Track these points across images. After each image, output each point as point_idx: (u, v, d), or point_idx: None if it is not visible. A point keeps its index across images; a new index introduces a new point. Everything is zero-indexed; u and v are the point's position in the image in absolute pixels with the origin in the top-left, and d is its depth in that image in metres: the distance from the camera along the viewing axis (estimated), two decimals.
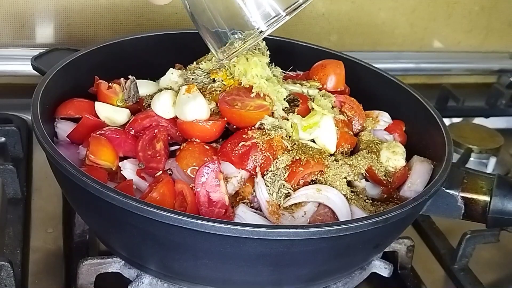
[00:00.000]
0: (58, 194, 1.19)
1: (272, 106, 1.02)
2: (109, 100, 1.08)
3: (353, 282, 1.02)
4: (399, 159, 1.05)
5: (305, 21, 1.64)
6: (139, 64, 1.16)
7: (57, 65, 1.09)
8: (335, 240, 0.85)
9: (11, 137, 1.29)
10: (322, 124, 1.03)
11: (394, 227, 0.96)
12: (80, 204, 0.97)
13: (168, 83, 1.10)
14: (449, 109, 1.66)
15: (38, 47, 1.42)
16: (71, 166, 0.87)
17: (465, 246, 1.16)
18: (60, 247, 1.10)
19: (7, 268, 0.96)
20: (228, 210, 0.93)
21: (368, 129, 1.14)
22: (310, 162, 0.97)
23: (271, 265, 0.87)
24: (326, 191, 0.96)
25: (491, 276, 1.19)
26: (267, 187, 0.96)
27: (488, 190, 1.01)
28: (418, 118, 1.14)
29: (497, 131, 1.58)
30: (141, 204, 0.82)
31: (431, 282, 1.14)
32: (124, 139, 1.01)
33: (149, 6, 1.52)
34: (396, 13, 1.70)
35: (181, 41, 1.26)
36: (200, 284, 0.93)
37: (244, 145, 0.97)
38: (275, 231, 0.82)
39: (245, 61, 1.04)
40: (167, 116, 1.03)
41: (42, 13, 1.47)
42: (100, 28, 1.51)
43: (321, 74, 1.16)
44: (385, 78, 1.23)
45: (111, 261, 0.97)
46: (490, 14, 1.78)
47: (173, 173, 0.96)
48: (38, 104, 0.98)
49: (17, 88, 1.50)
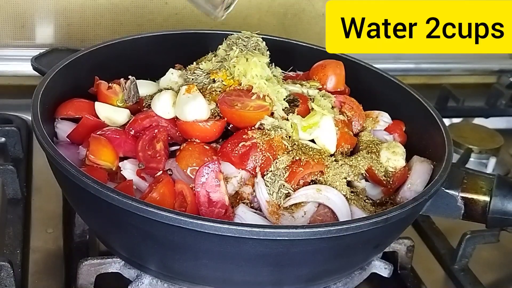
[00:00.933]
0: (58, 194, 1.19)
1: (272, 106, 1.02)
2: (109, 100, 1.08)
3: (353, 282, 1.02)
4: (399, 159, 1.05)
5: (305, 21, 1.64)
6: (139, 64, 1.17)
7: (57, 65, 1.09)
8: (335, 240, 0.85)
9: (11, 137, 1.29)
10: (322, 124, 1.03)
11: (394, 227, 0.96)
12: (80, 204, 0.97)
13: (168, 83, 1.10)
14: (449, 109, 1.66)
15: (38, 47, 1.42)
16: (71, 166, 0.87)
17: (465, 246, 1.16)
18: (60, 247, 1.10)
19: (7, 268, 0.96)
20: (228, 210, 0.93)
21: (368, 129, 1.14)
22: (310, 162, 0.97)
23: (271, 265, 0.87)
24: (326, 191, 0.96)
25: (491, 276, 1.19)
26: (267, 187, 0.96)
27: (488, 190, 1.01)
28: (418, 118, 1.14)
29: (497, 131, 1.58)
30: (141, 204, 0.82)
31: (431, 282, 1.14)
32: (124, 139, 1.01)
33: (149, 7, 1.52)
34: None
35: (181, 41, 1.26)
36: (200, 284, 0.93)
37: (244, 145, 0.97)
38: (275, 231, 0.82)
39: (245, 61, 1.04)
40: (167, 116, 1.03)
41: (42, 13, 1.47)
42: (100, 28, 1.51)
43: (321, 74, 1.16)
44: (385, 78, 1.23)
45: (111, 261, 0.97)
46: None
47: (173, 173, 0.96)
48: (38, 104, 0.98)
49: (17, 88, 1.50)
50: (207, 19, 1.55)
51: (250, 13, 1.59)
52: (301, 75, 1.22)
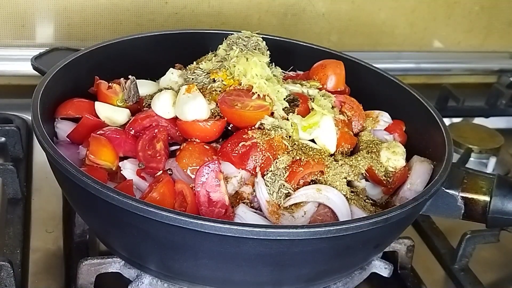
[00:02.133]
0: (58, 194, 1.19)
1: (272, 106, 1.02)
2: (109, 100, 1.08)
3: (353, 282, 1.02)
4: (399, 159, 1.05)
5: (305, 21, 1.64)
6: (139, 64, 1.17)
7: (57, 65, 1.09)
8: (335, 240, 0.85)
9: (11, 137, 1.29)
10: (322, 124, 1.03)
11: (394, 227, 0.96)
12: (80, 204, 0.97)
13: (168, 83, 1.10)
14: (449, 109, 1.66)
15: (38, 47, 1.42)
16: (71, 166, 0.87)
17: (465, 246, 1.16)
18: (60, 247, 1.10)
19: (7, 268, 0.96)
20: (228, 210, 0.93)
21: (368, 129, 1.14)
22: (310, 162, 0.97)
23: (271, 265, 0.87)
24: (326, 191, 0.96)
25: (491, 276, 1.19)
26: (267, 187, 0.96)
27: (488, 190, 1.01)
28: (418, 118, 1.14)
29: (497, 131, 1.58)
30: (141, 204, 0.82)
31: (431, 282, 1.14)
32: (124, 139, 1.01)
33: (149, 7, 1.52)
34: (396, 13, 1.70)
35: (181, 41, 1.26)
36: (200, 284, 0.93)
37: (244, 145, 0.97)
38: (275, 231, 0.82)
39: (245, 61, 1.04)
40: (167, 116, 1.03)
41: (42, 13, 1.47)
42: (100, 28, 1.51)
43: (321, 74, 1.16)
44: (385, 78, 1.23)
45: (111, 261, 0.97)
46: (490, 14, 1.78)
47: (173, 173, 0.96)
48: (38, 104, 0.98)
49: (17, 88, 1.50)
50: (207, 19, 1.56)
51: (250, 13, 1.59)
52: (301, 75, 1.22)
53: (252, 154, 0.96)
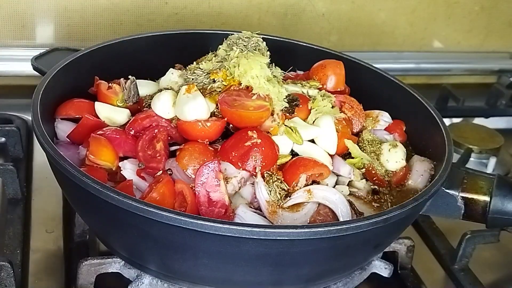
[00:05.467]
0: (58, 194, 1.19)
1: (272, 106, 1.01)
2: (109, 100, 1.08)
3: (353, 282, 1.02)
4: (399, 159, 1.05)
5: (305, 21, 1.64)
6: (139, 64, 1.17)
7: (57, 65, 1.09)
8: (335, 240, 0.85)
9: (11, 137, 1.29)
10: (322, 124, 1.03)
11: (394, 227, 0.96)
12: (80, 204, 0.97)
13: (168, 83, 1.10)
14: (449, 109, 1.66)
15: (38, 47, 1.42)
16: (71, 166, 0.87)
17: (465, 246, 1.16)
18: (60, 247, 1.10)
19: (7, 268, 0.96)
20: (228, 210, 0.93)
21: (368, 129, 1.14)
22: (310, 163, 0.97)
23: (271, 265, 0.87)
24: (326, 191, 0.96)
25: (491, 276, 1.19)
26: (267, 187, 0.96)
27: (488, 190, 1.01)
28: (418, 118, 1.14)
29: (497, 131, 1.58)
30: (141, 204, 0.82)
31: (431, 282, 1.14)
32: (124, 139, 1.01)
33: (149, 7, 1.52)
34: (396, 13, 1.70)
35: (181, 41, 1.26)
36: (200, 284, 0.93)
37: (244, 145, 0.97)
38: (275, 231, 0.82)
39: (245, 61, 1.03)
40: (167, 116, 1.02)
41: (42, 13, 1.47)
42: (100, 28, 1.51)
43: (321, 74, 1.16)
44: (385, 78, 1.23)
45: (111, 261, 0.97)
46: (490, 14, 1.78)
47: (173, 173, 0.96)
48: (38, 104, 0.98)
49: (17, 88, 1.50)
50: (207, 19, 1.56)
51: (250, 13, 1.59)
52: (301, 75, 1.22)
53: (252, 154, 0.96)
